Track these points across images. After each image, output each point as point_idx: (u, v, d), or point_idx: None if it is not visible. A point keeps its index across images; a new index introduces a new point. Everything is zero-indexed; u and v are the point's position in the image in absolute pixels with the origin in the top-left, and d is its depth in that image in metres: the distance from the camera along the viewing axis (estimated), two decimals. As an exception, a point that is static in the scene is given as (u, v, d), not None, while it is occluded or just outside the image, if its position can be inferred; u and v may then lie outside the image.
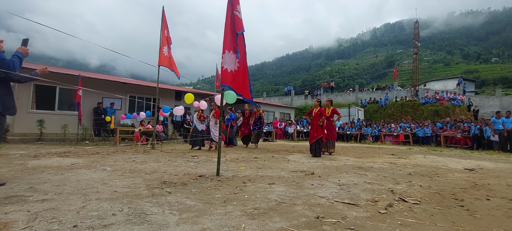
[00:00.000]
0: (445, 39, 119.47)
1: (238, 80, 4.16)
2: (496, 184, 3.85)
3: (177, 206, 2.42)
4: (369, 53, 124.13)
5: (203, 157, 6.29)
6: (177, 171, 4.24)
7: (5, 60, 2.33)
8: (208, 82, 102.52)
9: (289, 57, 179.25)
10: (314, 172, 4.46)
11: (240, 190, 3.09)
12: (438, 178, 4.25)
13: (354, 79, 74.30)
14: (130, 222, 2.00)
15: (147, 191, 2.93)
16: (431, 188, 3.48)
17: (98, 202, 2.47)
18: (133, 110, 12.68)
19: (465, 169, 5.29)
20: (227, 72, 4.09)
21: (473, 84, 37.18)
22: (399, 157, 7.62)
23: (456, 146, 13.26)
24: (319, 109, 7.26)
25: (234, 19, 3.98)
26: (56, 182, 3.29)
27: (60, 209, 2.26)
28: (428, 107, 21.51)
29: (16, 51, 2.50)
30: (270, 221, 2.11)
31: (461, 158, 7.73)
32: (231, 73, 4.11)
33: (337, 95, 30.67)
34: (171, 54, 8.56)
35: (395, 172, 4.75)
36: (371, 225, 2.07)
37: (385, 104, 24.20)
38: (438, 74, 64.21)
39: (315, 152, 7.04)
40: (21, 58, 2.51)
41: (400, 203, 2.71)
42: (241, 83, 4.19)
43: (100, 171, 4.12)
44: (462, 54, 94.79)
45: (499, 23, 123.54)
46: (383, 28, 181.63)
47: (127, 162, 5.18)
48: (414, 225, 2.12)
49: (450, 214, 2.43)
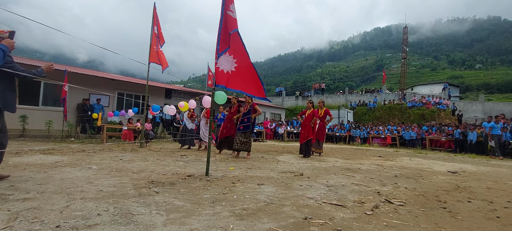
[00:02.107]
0: (432, 44, 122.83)
1: (241, 79, 4.10)
2: (478, 186, 3.98)
3: (165, 206, 2.39)
4: (360, 57, 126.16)
5: (192, 157, 6.23)
6: (165, 171, 4.19)
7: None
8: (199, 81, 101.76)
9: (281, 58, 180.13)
10: (303, 173, 4.50)
11: (229, 191, 3.08)
12: (422, 180, 4.36)
13: (344, 81, 75.33)
14: (115, 222, 1.96)
15: (134, 191, 2.88)
16: (415, 190, 3.57)
17: (83, 202, 2.41)
18: (121, 108, 12.44)
19: (448, 172, 5.45)
20: (223, 73, 4.06)
21: (458, 90, 38.39)
22: (386, 159, 7.77)
23: (440, 149, 13.64)
24: (312, 110, 7.32)
25: (227, 18, 3.96)
26: (39, 180, 3.19)
27: (43, 209, 2.20)
28: (415, 110, 22.02)
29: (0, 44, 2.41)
30: (258, 222, 2.11)
31: (445, 160, 7.95)
32: (228, 74, 4.07)
33: (328, 97, 31.02)
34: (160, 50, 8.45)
35: (382, 173, 4.84)
36: (357, 226, 2.10)
37: (373, 107, 24.64)
38: (425, 79, 65.89)
39: (305, 153, 7.10)
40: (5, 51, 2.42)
41: (386, 205, 2.77)
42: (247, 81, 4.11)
43: (86, 169, 4.03)
44: (448, 60, 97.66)
45: (483, 31, 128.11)
46: (373, 32, 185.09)
47: (114, 160, 5.08)
48: (398, 226, 2.17)
49: (433, 216, 2.49)
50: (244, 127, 6.45)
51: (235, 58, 4.06)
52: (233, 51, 4.07)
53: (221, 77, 4.05)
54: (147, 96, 9.09)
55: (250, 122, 6.48)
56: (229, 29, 3.91)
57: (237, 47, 4.06)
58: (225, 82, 4.07)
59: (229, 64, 4.07)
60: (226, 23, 4.00)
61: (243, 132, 6.44)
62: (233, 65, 4.08)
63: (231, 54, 4.06)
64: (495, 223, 2.35)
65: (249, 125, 6.46)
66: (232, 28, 3.91)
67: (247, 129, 6.44)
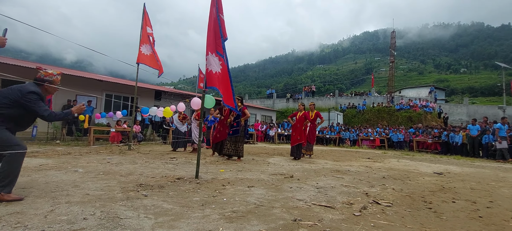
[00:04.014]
0: (419, 49, 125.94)
1: (221, 83, 4.13)
2: (462, 187, 4.10)
3: (153, 210, 2.36)
4: (349, 60, 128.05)
5: (182, 159, 6.17)
6: (154, 173, 4.13)
7: None
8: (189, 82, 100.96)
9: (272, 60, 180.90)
10: (294, 175, 4.53)
11: (219, 193, 3.07)
12: (409, 181, 4.46)
13: (335, 84, 76.30)
14: (102, 226, 1.93)
15: (121, 194, 2.83)
16: (402, 191, 3.65)
17: (68, 206, 2.36)
18: (109, 110, 12.21)
19: (434, 173, 5.58)
20: (212, 74, 4.06)
21: (444, 93, 39.53)
22: (374, 160, 7.91)
23: (427, 150, 13.97)
24: (304, 113, 7.37)
25: (220, 23, 3.98)
26: (22, 184, 3.09)
27: (26, 213, 2.13)
28: (402, 113, 22.49)
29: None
30: (248, 224, 2.11)
31: (431, 162, 8.15)
32: (216, 75, 4.08)
33: (318, 100, 31.32)
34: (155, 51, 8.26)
35: (370, 175, 4.92)
36: (345, 227, 2.13)
37: (362, 110, 25.04)
38: (412, 82, 67.44)
39: (295, 155, 7.14)
40: None
41: (373, 206, 2.82)
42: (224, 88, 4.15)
43: (72, 172, 3.93)
44: (434, 64, 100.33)
45: (468, 36, 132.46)
46: (363, 36, 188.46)
47: (101, 163, 4.98)
48: (386, 226, 2.21)
49: (419, 216, 2.55)
50: (233, 132, 6.32)
51: (220, 60, 4.07)
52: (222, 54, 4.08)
53: (211, 79, 4.05)
54: (136, 98, 8.96)
55: (239, 126, 6.34)
56: (224, 35, 3.95)
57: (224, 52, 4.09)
58: (215, 83, 4.06)
59: (216, 65, 4.07)
60: (217, 26, 4.01)
61: (233, 136, 6.32)
62: (219, 67, 4.09)
63: (217, 56, 4.06)
64: (477, 223, 2.42)
65: (238, 129, 6.33)
66: (225, 36, 3.98)
67: (236, 134, 6.31)
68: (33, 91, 2.68)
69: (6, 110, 2.60)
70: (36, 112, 2.69)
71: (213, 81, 4.05)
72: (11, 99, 2.60)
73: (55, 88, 2.93)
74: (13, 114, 2.66)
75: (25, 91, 2.64)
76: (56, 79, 2.92)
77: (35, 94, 2.68)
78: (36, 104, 2.69)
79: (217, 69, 4.07)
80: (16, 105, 2.63)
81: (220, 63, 4.09)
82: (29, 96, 2.65)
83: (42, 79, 2.82)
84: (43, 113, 2.70)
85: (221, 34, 4.00)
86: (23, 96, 2.63)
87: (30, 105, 2.65)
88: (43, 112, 2.70)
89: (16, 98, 2.61)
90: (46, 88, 2.85)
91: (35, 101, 2.68)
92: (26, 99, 2.64)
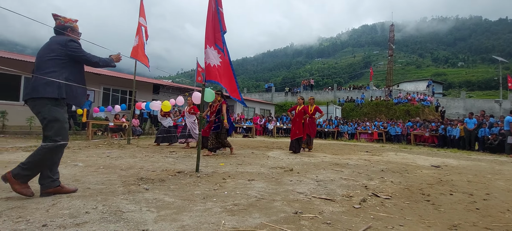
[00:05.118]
0: (417, 42, 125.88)
1: (223, 76, 4.12)
2: (459, 180, 4.15)
3: (155, 203, 2.37)
4: (348, 53, 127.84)
5: (182, 153, 6.18)
6: (154, 167, 4.14)
7: None
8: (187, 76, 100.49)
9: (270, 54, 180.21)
10: (293, 168, 4.56)
11: (220, 186, 3.09)
12: (407, 174, 4.51)
13: (333, 78, 76.23)
14: (105, 220, 1.94)
15: (123, 188, 2.84)
16: (401, 183, 3.69)
17: (70, 200, 2.36)
18: (107, 103, 12.14)
19: (431, 166, 5.64)
20: (210, 67, 4.05)
21: (441, 87, 39.71)
22: (373, 154, 7.97)
23: (424, 144, 14.08)
24: (303, 107, 7.37)
25: (219, 16, 3.95)
26: (23, 178, 3.09)
27: (27, 208, 2.13)
28: (400, 107, 22.58)
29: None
30: (249, 217, 2.13)
31: (428, 155, 8.23)
32: (215, 68, 4.07)
33: (316, 93, 31.36)
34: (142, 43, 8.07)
35: (369, 168, 4.96)
36: (346, 220, 2.16)
37: (361, 103, 25.10)
38: (410, 75, 67.62)
39: (295, 149, 7.17)
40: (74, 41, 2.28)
41: (373, 198, 2.85)
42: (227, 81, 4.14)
43: (71, 166, 3.93)
44: (432, 58, 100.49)
45: (466, 30, 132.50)
46: (361, 30, 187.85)
47: (101, 157, 4.98)
48: (385, 219, 2.24)
49: (418, 208, 2.59)
50: (214, 127, 6.18)
51: (219, 53, 4.06)
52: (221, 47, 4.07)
53: (210, 72, 4.04)
54: (135, 91, 8.92)
55: (220, 122, 6.17)
56: (223, 28, 3.93)
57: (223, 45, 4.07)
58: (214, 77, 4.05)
59: (215, 59, 4.06)
60: (216, 20, 3.98)
61: (214, 132, 6.18)
62: (219, 60, 4.08)
63: (216, 49, 4.05)
64: (474, 214, 2.46)
65: (219, 125, 6.17)
66: (224, 28, 3.95)
67: (217, 129, 6.16)
68: (72, 40, 2.46)
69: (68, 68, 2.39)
70: (87, 60, 2.47)
71: (213, 74, 4.04)
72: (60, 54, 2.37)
73: (77, 36, 2.67)
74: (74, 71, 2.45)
75: (64, 41, 2.41)
76: (76, 26, 2.66)
77: (75, 42, 2.47)
78: (83, 52, 2.47)
79: (216, 62, 4.06)
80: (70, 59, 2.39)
81: (219, 56, 4.08)
82: (72, 44, 2.43)
83: (63, 26, 2.57)
84: (94, 60, 2.49)
85: (221, 27, 3.98)
86: (67, 47, 2.40)
87: (78, 54, 2.44)
88: (92, 58, 2.49)
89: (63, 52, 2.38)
90: (69, 35, 2.60)
91: (80, 48, 2.47)
92: (71, 48, 2.41)
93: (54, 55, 2.38)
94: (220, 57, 4.08)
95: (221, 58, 4.09)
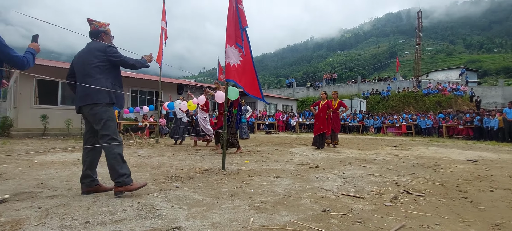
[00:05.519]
0: (448, 28, 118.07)
1: (242, 73, 4.16)
2: (499, 175, 3.87)
3: (186, 201, 2.46)
4: (371, 44, 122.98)
5: (207, 151, 6.33)
6: (182, 165, 4.28)
7: (19, 57, 2.28)
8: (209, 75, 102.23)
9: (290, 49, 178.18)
10: (319, 164, 4.50)
11: (246, 184, 3.13)
12: (441, 169, 4.28)
13: (356, 70, 73.88)
14: (140, 217, 2.04)
15: (155, 186, 2.97)
16: (435, 179, 3.51)
17: (108, 198, 2.51)
18: (135, 104, 12.71)
19: (468, 160, 5.31)
20: (230, 66, 4.09)
21: (476, 75, 36.95)
22: (402, 148, 7.65)
23: (458, 136, 13.26)
24: (326, 101, 7.24)
25: (239, 13, 3.97)
26: (64, 177, 3.34)
27: (71, 205, 2.30)
28: (430, 98, 21.42)
29: (28, 48, 2.43)
30: (277, 214, 2.14)
31: (463, 149, 7.75)
32: (234, 67, 4.11)
33: (339, 87, 30.56)
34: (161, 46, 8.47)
35: (399, 164, 4.78)
36: (377, 218, 2.10)
37: (387, 96, 24.12)
38: (441, 64, 63.72)
39: (318, 144, 7.07)
40: (33, 54, 2.44)
41: (404, 195, 2.74)
42: (245, 77, 4.18)
43: (106, 166, 4.16)
44: (464, 44, 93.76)
45: (502, 11, 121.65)
46: (385, 18, 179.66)
47: (133, 156, 5.23)
48: (419, 217, 2.15)
49: (455, 206, 2.45)
50: None
51: (240, 52, 4.08)
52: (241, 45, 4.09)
53: (229, 71, 4.08)
54: (161, 92, 9.25)
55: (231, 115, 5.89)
56: (243, 24, 3.93)
57: (245, 44, 4.09)
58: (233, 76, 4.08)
59: (235, 58, 4.09)
60: (236, 18, 4.01)
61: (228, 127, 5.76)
62: (239, 59, 4.10)
63: (237, 48, 4.07)
64: (520, 213, 2.29)
65: (230, 118, 5.85)
66: (245, 24, 3.95)
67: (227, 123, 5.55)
68: (110, 45, 2.60)
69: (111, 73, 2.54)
70: (125, 63, 2.60)
71: (231, 74, 4.08)
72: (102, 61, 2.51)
73: (111, 39, 2.78)
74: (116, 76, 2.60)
75: (104, 48, 2.55)
76: (108, 30, 2.76)
77: (113, 47, 2.61)
78: (121, 56, 2.60)
79: (236, 61, 4.09)
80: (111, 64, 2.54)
81: (239, 54, 4.10)
82: (111, 50, 2.56)
83: (97, 31, 2.68)
84: (131, 62, 2.63)
85: (241, 24, 3.99)
86: (107, 53, 2.55)
87: (118, 59, 2.58)
88: (130, 61, 2.62)
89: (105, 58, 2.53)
90: (104, 38, 2.71)
91: (118, 53, 2.59)
92: (111, 53, 2.55)
93: (98, 62, 2.55)
94: (240, 55, 4.11)
95: (241, 56, 4.11)
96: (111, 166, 2.54)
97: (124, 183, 2.54)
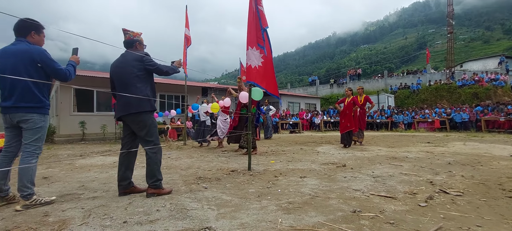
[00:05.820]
0: (483, 14, 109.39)
1: (263, 74, 4.19)
2: (550, 172, 3.54)
3: (215, 201, 2.53)
4: (398, 36, 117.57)
5: (232, 152, 6.43)
6: (210, 166, 4.39)
7: (63, 70, 2.49)
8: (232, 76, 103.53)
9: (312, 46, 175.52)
10: (346, 163, 4.40)
11: (273, 184, 3.14)
12: (481, 166, 3.99)
13: (382, 64, 70.91)
14: (173, 217, 2.13)
15: (185, 187, 3.08)
16: (474, 178, 3.29)
17: (142, 199, 2.65)
18: (163, 109, 13.24)
19: (511, 156, 4.90)
20: (251, 69, 4.14)
21: (518, 62, 33.83)
22: (435, 145, 7.23)
23: (499, 130, 12.26)
24: (352, 98, 7.05)
25: (259, 14, 4.00)
26: (103, 180, 3.57)
27: (110, 206, 2.46)
28: (466, 90, 20.04)
29: (70, 60, 2.64)
30: (306, 215, 2.13)
31: (506, 143, 7.15)
32: (255, 69, 4.14)
33: (365, 82, 29.54)
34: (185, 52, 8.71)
35: (433, 161, 4.53)
36: (411, 219, 2.02)
37: (417, 89, 22.91)
38: (476, 53, 59.25)
39: (346, 142, 6.90)
40: (74, 66, 2.64)
41: (441, 195, 2.60)
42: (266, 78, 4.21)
43: (140, 168, 4.37)
44: (503, 30, 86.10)
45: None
46: (412, 8, 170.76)
47: (163, 158, 5.42)
48: (458, 218, 2.03)
49: (498, 206, 2.29)
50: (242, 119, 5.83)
51: (261, 53, 4.11)
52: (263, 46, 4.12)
53: (251, 73, 4.12)
54: (186, 96, 9.55)
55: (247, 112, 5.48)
56: (263, 25, 3.96)
57: (266, 43, 4.11)
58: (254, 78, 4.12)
59: (256, 59, 4.11)
60: (257, 19, 4.04)
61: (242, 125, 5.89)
62: (260, 60, 4.13)
63: (258, 49, 4.10)
64: None
65: (245, 116, 5.74)
66: (265, 25, 3.97)
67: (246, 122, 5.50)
68: (145, 54, 2.73)
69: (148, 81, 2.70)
70: (159, 71, 2.75)
71: (253, 76, 4.12)
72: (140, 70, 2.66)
73: (143, 48, 2.89)
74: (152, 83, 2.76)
75: (139, 57, 2.68)
76: (142, 39, 2.87)
77: (148, 56, 2.74)
78: (156, 64, 2.73)
79: (257, 63, 4.13)
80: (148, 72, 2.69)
81: (261, 56, 4.13)
82: (147, 59, 2.69)
83: (132, 40, 2.79)
84: (164, 69, 2.78)
85: (261, 25, 4.02)
86: (144, 62, 2.68)
87: (154, 67, 2.71)
88: (163, 68, 2.77)
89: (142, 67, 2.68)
90: (138, 48, 2.82)
91: (153, 61, 2.73)
92: (148, 63, 2.68)
93: (137, 72, 2.69)
94: (262, 56, 4.13)
95: (263, 57, 4.14)
96: (151, 170, 2.70)
97: (158, 187, 2.70)
